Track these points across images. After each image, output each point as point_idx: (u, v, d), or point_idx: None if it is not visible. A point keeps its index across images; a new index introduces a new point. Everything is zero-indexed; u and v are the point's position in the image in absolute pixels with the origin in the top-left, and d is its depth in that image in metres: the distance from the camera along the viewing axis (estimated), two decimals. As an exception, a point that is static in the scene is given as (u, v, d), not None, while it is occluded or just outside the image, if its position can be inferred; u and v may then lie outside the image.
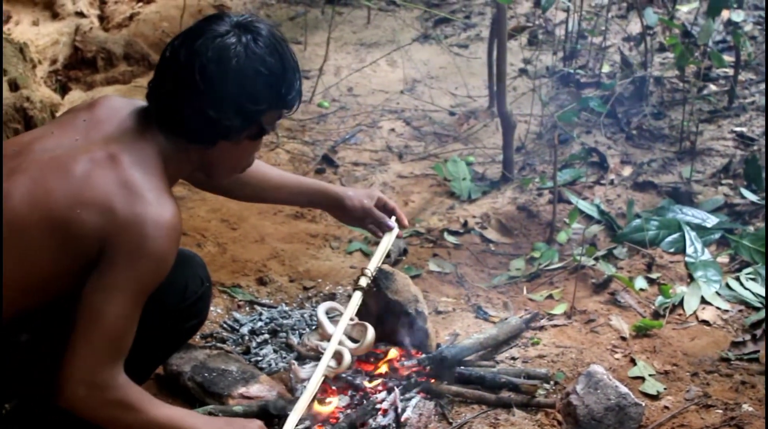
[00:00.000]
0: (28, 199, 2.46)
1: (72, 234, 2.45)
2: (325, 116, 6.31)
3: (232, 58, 2.54)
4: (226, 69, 2.54)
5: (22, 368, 2.64)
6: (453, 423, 3.35)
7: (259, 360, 3.77)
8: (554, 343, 3.84)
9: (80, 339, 2.47)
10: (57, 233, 2.45)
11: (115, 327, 2.48)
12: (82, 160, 2.51)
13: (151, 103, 2.64)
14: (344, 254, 4.76)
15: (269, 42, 2.59)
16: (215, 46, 2.53)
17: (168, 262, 2.52)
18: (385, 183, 5.48)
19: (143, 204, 2.47)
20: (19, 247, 2.46)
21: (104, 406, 2.54)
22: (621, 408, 3.23)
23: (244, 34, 2.57)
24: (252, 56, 2.55)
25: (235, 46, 2.54)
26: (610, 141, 5.47)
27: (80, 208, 2.45)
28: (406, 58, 6.90)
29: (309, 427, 3.27)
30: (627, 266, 4.38)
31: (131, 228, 2.45)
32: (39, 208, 2.46)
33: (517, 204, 5.08)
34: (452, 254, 4.75)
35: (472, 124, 6.09)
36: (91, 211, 2.44)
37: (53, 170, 2.50)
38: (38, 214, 2.45)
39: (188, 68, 2.54)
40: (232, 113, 2.56)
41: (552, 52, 6.43)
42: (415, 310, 3.66)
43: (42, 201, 2.46)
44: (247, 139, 2.67)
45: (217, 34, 2.55)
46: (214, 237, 4.79)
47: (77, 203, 2.45)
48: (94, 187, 2.47)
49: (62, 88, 7.04)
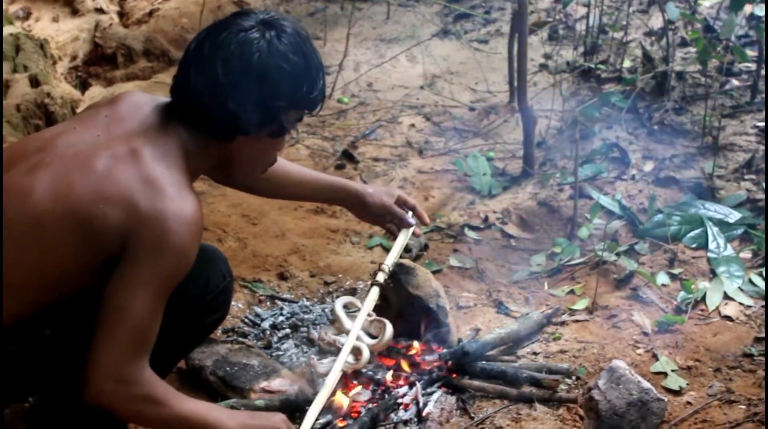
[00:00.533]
0: (51, 194, 2.47)
1: (94, 229, 2.45)
2: (345, 112, 6.30)
3: (255, 52, 2.54)
4: (247, 63, 2.54)
5: (45, 363, 2.64)
6: (474, 417, 3.34)
7: (281, 354, 3.78)
8: (576, 338, 3.82)
9: (105, 335, 2.47)
10: (79, 228, 2.45)
11: (139, 322, 2.48)
12: (103, 156, 2.51)
13: (173, 96, 2.65)
14: (364, 249, 4.75)
15: (293, 40, 2.60)
16: (239, 40, 2.54)
17: (190, 256, 2.52)
18: (405, 178, 5.47)
19: (165, 199, 2.47)
20: (42, 241, 2.47)
21: (130, 401, 2.54)
22: (643, 403, 3.21)
23: (269, 30, 2.57)
24: (275, 52, 2.56)
25: (258, 41, 2.55)
26: (632, 136, 5.45)
27: (102, 203, 2.45)
28: (425, 53, 6.90)
29: (331, 422, 3.27)
30: (649, 262, 4.36)
31: (153, 223, 2.45)
32: (61, 203, 2.46)
33: (538, 199, 5.07)
34: (473, 249, 4.74)
35: (492, 120, 6.07)
36: (113, 207, 2.45)
37: (75, 166, 2.50)
38: (61, 210, 2.46)
39: (211, 61, 2.55)
40: (251, 107, 2.56)
41: (573, 47, 6.41)
42: (437, 304, 3.65)
43: (64, 196, 2.46)
44: (268, 136, 2.67)
45: (241, 28, 2.56)
46: (235, 232, 4.79)
47: (99, 199, 2.45)
48: (116, 182, 2.47)
49: (82, 84, 7.06)
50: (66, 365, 2.60)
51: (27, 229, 2.47)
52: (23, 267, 2.48)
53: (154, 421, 2.64)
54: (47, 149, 2.56)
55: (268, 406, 3.32)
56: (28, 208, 2.47)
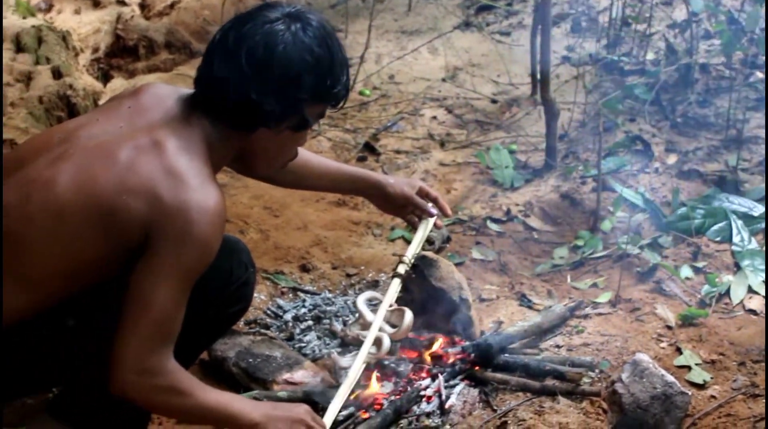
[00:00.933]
0: (74, 186, 2.47)
1: (117, 221, 2.45)
2: (367, 104, 6.30)
3: (279, 44, 2.53)
4: (271, 54, 2.52)
5: (68, 353, 2.65)
6: (497, 410, 3.33)
7: (303, 346, 3.78)
8: (599, 331, 3.81)
9: (129, 327, 2.47)
10: (102, 220, 2.46)
11: (162, 314, 2.48)
12: (126, 147, 2.51)
13: (197, 87, 2.64)
14: (386, 241, 4.75)
15: (319, 33, 2.58)
16: (264, 32, 2.53)
17: (213, 247, 2.52)
18: (427, 171, 5.46)
19: (188, 191, 2.47)
20: (65, 233, 2.47)
21: (155, 392, 2.54)
22: (667, 397, 3.19)
23: (294, 23, 2.56)
24: (299, 44, 2.54)
25: (283, 33, 2.54)
26: (655, 129, 5.42)
27: (125, 195, 2.45)
28: (447, 45, 6.88)
29: (354, 414, 3.27)
30: (672, 255, 4.34)
31: (176, 215, 2.45)
32: (84, 194, 2.46)
33: (561, 192, 5.05)
34: (495, 242, 4.73)
35: (514, 112, 6.06)
36: (137, 198, 2.45)
37: (98, 157, 2.50)
38: (84, 201, 2.46)
39: (235, 52, 2.54)
40: (273, 99, 2.55)
41: (595, 40, 6.38)
42: (460, 297, 3.65)
43: (87, 188, 2.47)
44: (289, 129, 2.65)
45: (267, 20, 2.55)
46: (257, 224, 4.79)
47: (123, 190, 2.45)
48: (139, 174, 2.47)
49: (104, 76, 7.07)
50: (89, 356, 2.61)
51: (50, 221, 2.47)
52: (46, 258, 2.49)
53: (178, 411, 2.67)
54: (70, 140, 2.56)
55: (291, 397, 3.32)
56: (51, 199, 2.47)
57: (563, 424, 3.21)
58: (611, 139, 5.28)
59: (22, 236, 2.49)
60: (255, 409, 2.71)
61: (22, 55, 6.20)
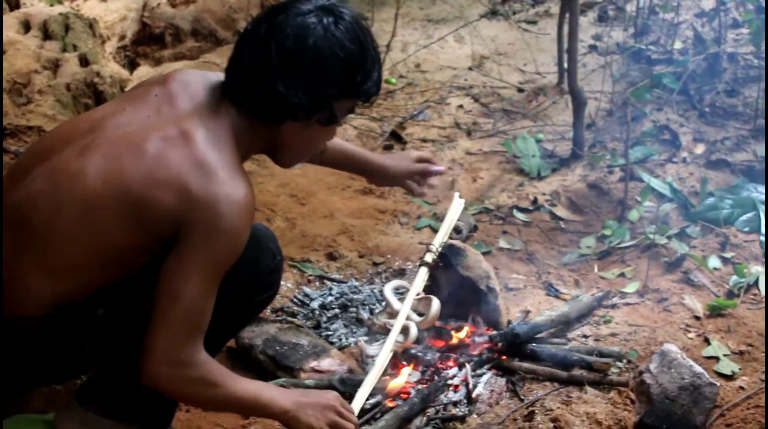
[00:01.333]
0: (103, 176, 2.47)
1: (147, 213, 2.46)
2: (393, 92, 6.29)
3: (310, 36, 2.51)
4: (302, 46, 2.51)
5: (97, 342, 2.66)
6: (524, 400, 3.33)
7: (330, 334, 3.78)
8: (626, 321, 3.80)
9: (160, 319, 2.48)
10: (132, 212, 2.46)
11: (193, 306, 2.49)
12: (154, 138, 2.50)
13: (227, 76, 2.63)
14: (413, 230, 4.75)
15: (351, 28, 2.55)
16: (295, 24, 2.51)
17: (242, 239, 2.52)
18: (453, 160, 5.45)
19: (217, 183, 2.46)
20: (94, 224, 2.48)
21: (186, 383, 2.56)
22: (695, 387, 3.19)
23: (327, 16, 2.53)
24: (330, 38, 2.52)
25: (315, 26, 2.51)
26: (682, 118, 5.40)
27: (154, 187, 2.45)
28: (473, 34, 6.87)
29: (381, 402, 3.27)
30: (700, 245, 4.33)
31: (205, 207, 2.45)
32: (113, 187, 2.47)
33: (588, 181, 5.04)
34: (522, 231, 4.72)
35: (541, 101, 6.04)
36: (166, 191, 2.45)
37: (127, 148, 2.50)
38: (113, 193, 2.47)
39: (265, 43, 2.52)
40: (302, 92, 2.53)
41: (623, 28, 6.36)
42: (487, 286, 3.65)
43: (117, 179, 2.47)
44: (318, 123, 2.63)
45: (299, 12, 2.53)
46: (283, 212, 4.80)
47: (151, 182, 2.45)
48: (168, 166, 2.47)
49: (131, 64, 7.09)
50: (118, 345, 2.62)
51: (79, 213, 2.48)
52: (75, 248, 2.50)
53: (209, 401, 2.68)
54: (97, 130, 2.56)
55: (318, 385, 3.32)
56: (79, 191, 2.48)
57: (591, 414, 3.20)
58: (638, 129, 5.26)
59: (51, 226, 2.50)
60: (285, 396, 2.72)
61: (50, 42, 6.23)
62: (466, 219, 4.67)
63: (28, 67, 5.84)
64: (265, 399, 2.67)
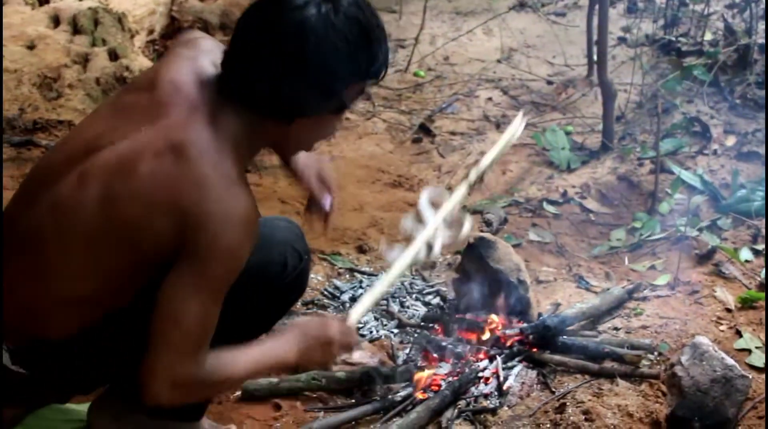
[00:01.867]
0: (100, 208, 2.39)
1: (146, 240, 2.38)
2: (422, 85, 6.29)
3: (310, 33, 2.36)
4: (303, 45, 2.36)
5: (107, 358, 2.64)
6: (555, 392, 3.32)
7: (360, 327, 3.78)
8: (657, 313, 3.79)
9: (160, 342, 2.41)
10: (131, 241, 2.39)
11: (194, 327, 2.40)
12: (146, 158, 2.38)
13: (226, 74, 2.47)
14: (442, 223, 4.74)
15: (351, 12, 2.40)
16: (292, 19, 2.36)
17: (242, 257, 2.41)
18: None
19: (211, 201, 2.34)
20: (101, 257, 2.42)
21: (191, 395, 2.56)
22: (727, 380, 3.17)
23: (324, 4, 2.37)
24: (331, 29, 2.36)
25: (313, 19, 2.36)
26: (713, 110, 5.38)
27: (150, 212, 2.36)
28: (502, 26, 6.86)
29: (411, 395, 3.28)
30: (731, 237, 4.30)
31: (201, 227, 2.34)
32: (111, 217, 2.39)
33: (618, 174, 5.02)
34: (552, 224, 4.71)
35: (570, 93, 6.03)
36: (161, 215, 2.35)
37: (119, 174, 2.39)
38: (111, 224, 2.39)
39: (262, 41, 2.38)
40: (309, 90, 2.41)
41: (652, 20, 6.33)
42: (517, 279, 3.64)
43: (112, 209, 2.38)
44: (328, 114, 2.51)
45: (294, 5, 2.37)
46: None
47: (146, 208, 2.36)
48: (161, 187, 2.36)
49: (159, 58, 7.10)
50: (126, 364, 2.59)
51: (83, 249, 2.42)
52: (86, 283, 2.45)
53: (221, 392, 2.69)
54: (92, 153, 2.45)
55: (350, 378, 3.33)
56: (80, 227, 2.41)
57: (622, 406, 3.19)
58: (669, 121, 5.24)
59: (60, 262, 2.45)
60: (289, 351, 2.65)
61: (79, 36, 6.26)
62: (496, 211, 4.68)
63: (58, 61, 5.88)
64: (271, 362, 2.63)
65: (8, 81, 5.60)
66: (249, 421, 3.21)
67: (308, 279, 2.96)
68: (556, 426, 3.13)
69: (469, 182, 3.18)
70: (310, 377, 3.32)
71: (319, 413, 3.24)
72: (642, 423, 3.15)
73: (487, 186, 5.12)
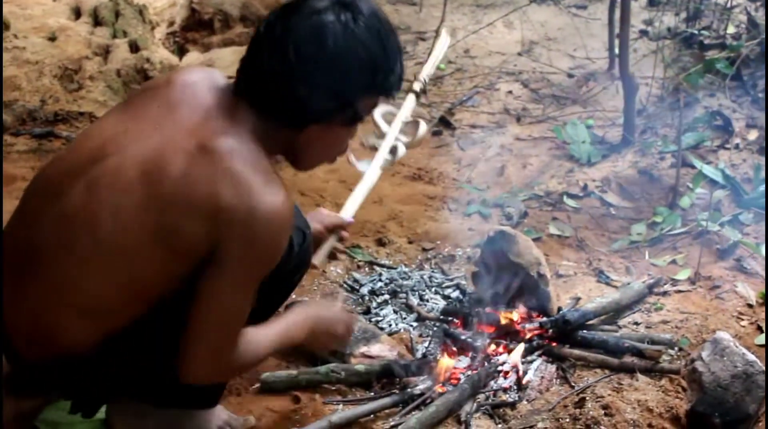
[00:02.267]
0: (122, 215, 2.37)
1: (181, 242, 2.37)
2: (442, 78, 6.28)
3: (329, 37, 2.37)
4: (321, 49, 2.37)
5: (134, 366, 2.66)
6: (575, 386, 3.31)
7: (380, 320, 3.78)
8: (678, 308, 3.78)
9: (198, 331, 2.44)
10: (166, 244, 2.37)
11: (231, 318, 2.46)
12: (175, 160, 2.36)
13: (242, 78, 2.48)
14: (462, 216, 4.74)
15: (371, 23, 2.42)
16: (312, 24, 2.37)
17: (281, 249, 2.44)
18: (502, 145, 5.44)
19: (250, 195, 2.34)
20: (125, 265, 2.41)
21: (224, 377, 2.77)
22: (748, 376, 3.15)
23: (344, 12, 2.39)
24: (350, 38, 2.38)
25: (333, 25, 2.37)
26: (735, 104, 5.35)
27: (188, 214, 2.35)
28: (523, 19, 6.84)
29: (431, 388, 3.27)
30: (753, 232, 4.28)
31: (241, 223, 2.34)
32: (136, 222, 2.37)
33: (638, 168, 5.00)
34: (572, 218, 4.70)
35: (591, 87, 6.01)
36: (197, 213, 2.34)
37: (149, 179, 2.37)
38: (137, 230, 2.38)
39: (282, 46, 2.38)
40: (324, 96, 2.40)
41: (674, 13, 6.30)
42: (537, 272, 3.63)
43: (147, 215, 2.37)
44: (341, 124, 2.51)
45: (314, 10, 2.38)
46: (332, 198, 4.80)
47: (184, 209, 2.35)
48: (196, 186, 2.34)
49: (180, 50, 7.14)
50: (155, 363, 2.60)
51: (106, 260, 2.40)
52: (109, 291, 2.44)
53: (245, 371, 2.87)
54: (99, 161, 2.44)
55: (369, 371, 3.33)
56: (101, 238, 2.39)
57: (642, 401, 3.18)
58: (690, 115, 5.21)
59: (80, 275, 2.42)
60: (301, 330, 2.77)
61: (100, 28, 6.29)
62: (517, 205, 4.67)
63: (79, 53, 5.90)
64: (287, 343, 2.75)
65: (29, 72, 5.62)
66: (268, 413, 3.21)
67: (311, 251, 2.97)
68: (576, 420, 3.12)
69: (414, 91, 3.43)
70: (329, 369, 3.32)
71: (337, 406, 3.23)
72: (662, 418, 3.14)
73: (507, 178, 5.12)
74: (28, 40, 5.86)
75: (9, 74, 5.56)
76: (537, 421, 3.16)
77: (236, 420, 3.01)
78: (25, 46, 5.80)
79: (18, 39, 5.85)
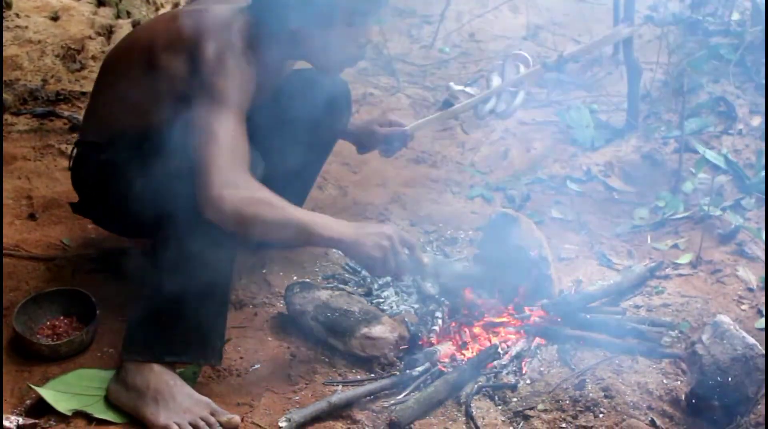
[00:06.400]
0: (133, 43, 3.24)
1: (162, 69, 2.99)
2: (447, 62, 6.27)
3: None
4: None
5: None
6: (575, 369, 3.32)
7: (381, 302, 3.78)
8: (679, 292, 3.78)
9: (203, 156, 2.69)
10: (152, 67, 3.03)
11: (228, 139, 2.72)
12: (174, 13, 3.16)
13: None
14: (465, 200, 4.74)
15: None
16: None
17: (232, 66, 2.86)
18: (506, 129, 5.43)
19: (203, 22, 2.95)
20: (120, 81, 3.17)
21: (247, 203, 2.70)
22: (748, 359, 3.16)
23: None
24: None
25: None
26: (739, 90, 5.33)
27: (168, 45, 2.99)
28: (528, 3, 6.83)
29: (429, 369, 3.28)
30: (755, 217, 4.28)
31: (203, 49, 2.87)
32: (136, 49, 3.16)
33: (642, 152, 4.99)
34: (575, 202, 4.69)
35: (595, 71, 6.00)
36: (177, 48, 2.95)
37: (151, 22, 3.33)
38: (135, 54, 3.14)
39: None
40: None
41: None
42: (540, 255, 3.63)
43: (139, 42, 3.19)
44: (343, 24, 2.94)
45: None
46: (336, 180, 4.81)
47: (165, 41, 3.01)
48: (180, 27, 2.97)
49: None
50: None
51: (113, 64, 3.32)
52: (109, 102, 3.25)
53: (268, 222, 2.74)
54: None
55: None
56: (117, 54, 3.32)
57: (642, 383, 3.19)
58: (694, 100, 5.20)
59: (109, 73, 3.29)
60: (342, 224, 2.88)
61: (104, 8, 6.27)
62: (519, 188, 4.67)
63: (82, 33, 5.89)
64: (321, 222, 2.81)
65: (31, 52, 5.61)
66: (268, 393, 3.22)
67: (351, 102, 4.00)
68: (576, 402, 3.13)
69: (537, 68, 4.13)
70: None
71: (337, 387, 3.25)
72: (661, 401, 3.15)
73: (510, 162, 5.12)
74: (30, 19, 5.85)
75: (10, 53, 5.56)
76: (537, 402, 3.17)
77: (222, 414, 3.02)
78: (27, 26, 5.79)
79: (20, 18, 5.84)
